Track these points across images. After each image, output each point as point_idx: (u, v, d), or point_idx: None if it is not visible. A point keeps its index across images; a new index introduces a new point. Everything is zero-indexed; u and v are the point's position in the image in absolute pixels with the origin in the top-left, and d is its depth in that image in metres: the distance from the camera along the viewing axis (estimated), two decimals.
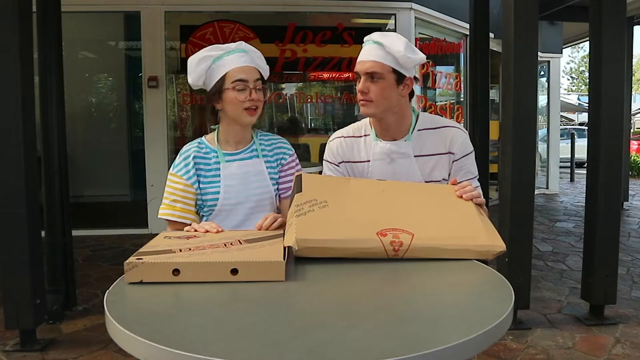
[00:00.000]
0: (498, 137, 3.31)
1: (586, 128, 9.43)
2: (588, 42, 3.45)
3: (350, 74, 6.56)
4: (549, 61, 8.66)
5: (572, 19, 7.16)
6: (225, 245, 1.36)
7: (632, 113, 13.13)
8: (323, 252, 1.30)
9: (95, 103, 8.18)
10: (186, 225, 1.72)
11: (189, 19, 6.15)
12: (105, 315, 1.06)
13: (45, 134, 3.28)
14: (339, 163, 1.87)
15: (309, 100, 7.19)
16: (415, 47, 1.74)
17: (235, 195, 1.76)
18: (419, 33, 6.37)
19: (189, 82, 1.79)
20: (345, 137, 1.88)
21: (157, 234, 1.52)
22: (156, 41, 5.67)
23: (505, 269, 2.87)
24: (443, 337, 0.92)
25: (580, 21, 6.88)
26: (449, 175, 1.82)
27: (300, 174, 1.51)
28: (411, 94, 1.79)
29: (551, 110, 8.90)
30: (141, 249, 1.32)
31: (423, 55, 1.73)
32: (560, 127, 10.51)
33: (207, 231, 1.53)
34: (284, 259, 1.24)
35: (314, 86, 7.08)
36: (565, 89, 31.70)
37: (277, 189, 1.84)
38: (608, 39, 3.06)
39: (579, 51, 32.42)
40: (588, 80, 3.36)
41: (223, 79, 1.72)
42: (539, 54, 7.00)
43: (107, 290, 1.18)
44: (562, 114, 19.27)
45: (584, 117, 23.62)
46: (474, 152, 1.84)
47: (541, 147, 8.94)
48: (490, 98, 4.97)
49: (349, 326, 0.98)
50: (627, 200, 7.64)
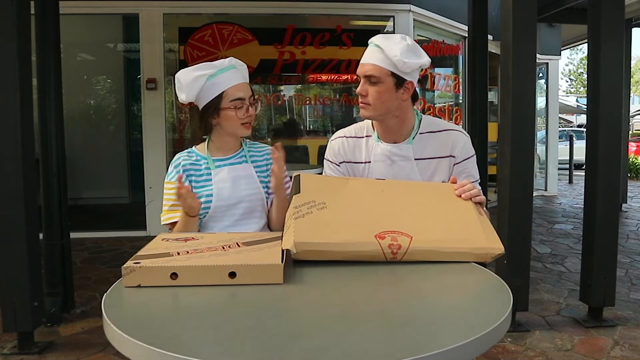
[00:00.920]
0: (497, 139, 3.31)
1: (585, 130, 9.44)
2: (587, 44, 3.45)
3: (349, 76, 6.58)
4: (547, 63, 8.68)
5: (571, 21, 7.17)
6: (223, 248, 1.36)
7: (631, 115, 13.16)
8: (321, 255, 1.30)
9: (94, 105, 8.16)
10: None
11: (188, 21, 6.15)
12: (103, 319, 1.06)
13: (44, 136, 3.28)
14: (340, 163, 1.88)
15: (308, 102, 7.18)
16: (421, 50, 1.72)
17: (227, 198, 1.82)
18: (418, 35, 6.37)
19: (180, 98, 1.82)
20: (347, 137, 1.89)
21: (155, 236, 1.52)
22: (155, 43, 5.66)
23: (504, 271, 2.86)
24: (442, 340, 0.92)
25: (579, 23, 6.89)
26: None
27: (299, 175, 1.51)
28: (415, 97, 1.78)
29: (550, 112, 8.91)
30: (139, 252, 1.32)
31: (426, 60, 1.71)
32: (559, 129, 10.52)
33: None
34: (282, 262, 1.24)
35: (312, 88, 7.08)
36: (563, 91, 31.75)
37: (268, 193, 1.90)
38: (607, 41, 3.06)
39: (577, 53, 32.48)
40: (587, 82, 3.36)
41: (220, 97, 1.77)
42: (538, 56, 7.01)
43: (105, 294, 1.18)
44: (561, 115, 19.27)
45: (582, 119, 23.65)
46: (475, 156, 1.83)
47: (540, 149, 8.95)
48: (488, 100, 4.97)
49: (347, 329, 0.98)
50: (626, 202, 7.65)
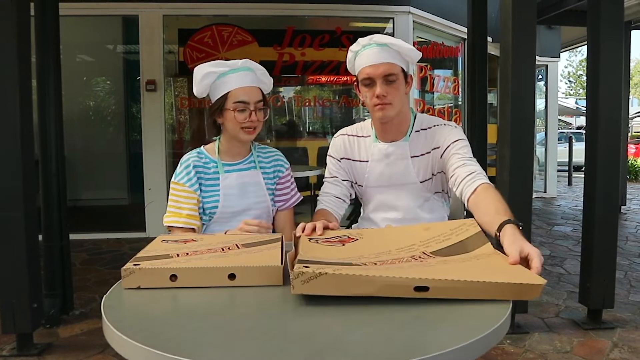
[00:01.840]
0: (496, 141, 3.31)
1: (584, 132, 9.46)
2: (586, 46, 3.45)
3: (348, 78, 6.56)
4: (546, 65, 8.68)
5: (570, 23, 7.18)
6: (222, 249, 1.36)
7: (630, 117, 13.17)
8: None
9: (93, 106, 8.16)
10: (191, 230, 1.78)
11: (187, 23, 6.15)
12: (103, 320, 1.06)
13: (43, 137, 3.27)
14: (341, 159, 1.93)
15: (307, 103, 7.18)
16: None
17: (233, 204, 1.80)
18: (417, 37, 6.38)
19: (194, 91, 1.82)
20: (349, 135, 1.93)
21: (155, 238, 1.52)
22: (154, 45, 5.66)
23: None
24: (441, 342, 0.92)
25: (578, 25, 6.90)
26: (440, 171, 1.81)
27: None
28: None
29: (549, 114, 8.92)
30: (138, 254, 1.32)
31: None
32: (558, 131, 10.53)
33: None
34: (282, 264, 1.24)
35: (312, 90, 7.08)
36: (563, 93, 31.78)
37: (273, 201, 1.89)
38: (606, 43, 3.06)
39: (576, 55, 32.55)
40: (586, 84, 3.37)
41: (225, 97, 1.75)
42: (537, 58, 7.00)
43: (105, 295, 1.18)
44: (560, 117, 19.30)
45: (581, 121, 23.67)
46: (463, 140, 1.76)
47: (539, 151, 8.95)
48: (488, 102, 4.97)
49: (347, 331, 0.98)
50: (625, 204, 7.64)
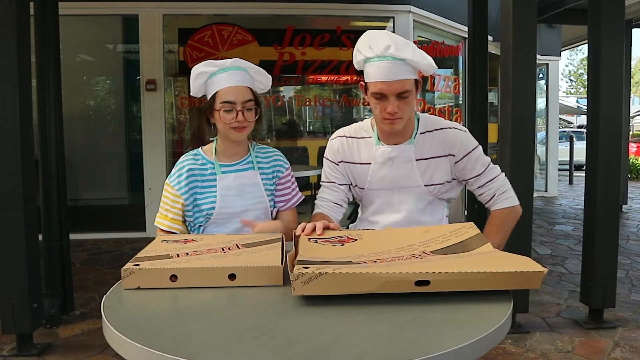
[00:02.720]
0: (497, 140, 3.30)
1: (585, 131, 9.44)
2: (587, 45, 3.45)
3: (349, 77, 6.57)
4: (547, 64, 8.67)
5: (571, 22, 7.17)
6: (223, 249, 1.36)
7: (631, 116, 13.16)
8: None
9: (93, 106, 8.16)
10: (174, 234, 1.76)
11: (187, 22, 6.15)
12: (103, 321, 1.06)
13: (43, 137, 3.27)
14: (339, 162, 1.88)
15: (308, 103, 7.18)
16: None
17: (231, 205, 1.79)
18: (418, 36, 6.38)
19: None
20: (347, 137, 1.88)
21: (155, 238, 1.52)
22: (154, 44, 5.66)
23: None
24: (442, 342, 0.92)
25: (579, 24, 6.89)
26: (455, 178, 1.82)
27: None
28: None
29: (550, 113, 8.91)
30: (138, 254, 1.32)
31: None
32: (559, 130, 10.52)
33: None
34: (282, 264, 1.24)
35: (312, 89, 7.07)
36: (564, 92, 31.77)
37: (273, 201, 1.88)
38: (607, 41, 3.06)
39: (577, 54, 32.51)
40: (587, 82, 3.36)
41: (214, 97, 1.76)
42: (538, 56, 7.01)
43: (105, 296, 1.18)
44: (561, 116, 19.28)
45: (582, 120, 23.66)
46: (479, 148, 1.80)
47: (540, 150, 8.94)
48: (489, 101, 4.97)
49: (347, 331, 0.98)
50: (626, 203, 7.64)
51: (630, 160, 11.13)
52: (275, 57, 6.27)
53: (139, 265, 1.22)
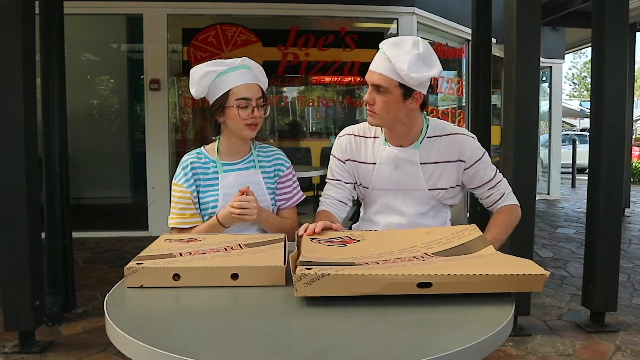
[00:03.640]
0: (499, 143, 3.31)
1: (588, 134, 9.43)
2: (590, 48, 3.44)
3: (352, 78, 6.57)
4: (551, 67, 8.66)
5: (575, 25, 7.15)
6: (225, 249, 1.36)
7: (634, 119, 13.14)
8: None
9: (97, 105, 8.18)
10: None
11: (192, 22, 6.16)
12: (105, 319, 1.06)
13: (47, 136, 3.28)
14: (346, 160, 1.89)
15: (311, 104, 7.19)
16: (433, 58, 1.67)
17: None
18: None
19: (191, 93, 1.82)
20: (355, 136, 1.88)
21: (158, 237, 1.53)
22: (158, 44, 5.67)
23: None
24: (444, 344, 0.92)
25: (583, 27, 6.87)
26: (461, 183, 1.83)
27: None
28: (424, 103, 1.75)
29: (553, 116, 8.90)
30: (141, 253, 1.32)
31: (435, 70, 1.66)
32: (562, 133, 10.50)
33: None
34: (285, 264, 1.24)
35: (315, 90, 7.08)
36: (567, 95, 31.64)
37: (274, 200, 1.90)
38: (610, 45, 3.05)
39: (581, 57, 32.42)
40: (590, 86, 3.36)
41: (227, 96, 1.76)
42: (541, 59, 6.99)
43: (107, 294, 1.18)
44: (564, 119, 19.26)
45: (585, 123, 23.60)
46: (486, 154, 1.82)
47: (543, 153, 8.93)
48: (492, 103, 4.96)
49: (349, 332, 0.98)
50: (629, 207, 7.62)
51: (633, 164, 11.11)
52: (279, 58, 6.28)
53: (142, 264, 1.22)
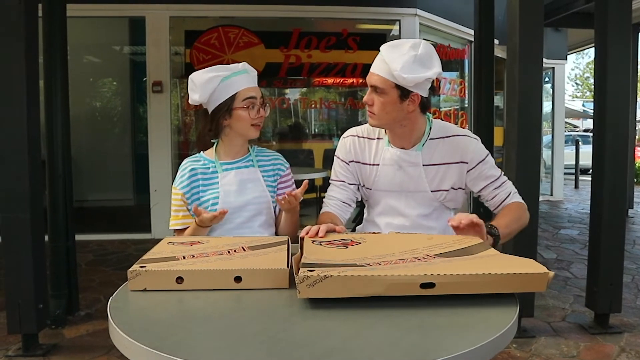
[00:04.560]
0: (502, 144, 3.30)
1: (591, 134, 9.40)
2: (593, 49, 3.44)
3: (354, 80, 6.57)
4: (553, 67, 8.65)
5: (577, 26, 7.14)
6: (229, 252, 1.36)
7: (638, 120, 13.09)
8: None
9: (100, 107, 8.19)
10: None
11: (194, 24, 6.17)
12: (109, 322, 1.06)
13: (50, 138, 3.29)
14: (350, 162, 1.89)
15: (313, 105, 7.19)
16: (432, 60, 1.66)
17: (233, 201, 1.84)
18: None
19: (192, 99, 1.86)
20: (359, 137, 1.89)
21: (160, 239, 1.53)
22: (161, 46, 5.68)
23: None
24: (448, 347, 0.92)
25: (586, 27, 6.86)
26: (465, 185, 1.83)
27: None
28: (426, 106, 1.74)
29: (556, 117, 8.88)
30: (145, 256, 1.32)
31: (432, 72, 1.65)
32: (565, 134, 10.48)
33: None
34: (288, 267, 1.24)
35: (318, 92, 7.08)
36: (570, 95, 31.59)
37: (274, 198, 1.92)
38: (613, 45, 3.05)
39: (583, 57, 32.33)
40: (593, 86, 3.35)
41: (233, 98, 1.82)
42: (544, 60, 6.98)
43: (111, 297, 1.18)
44: (567, 120, 19.19)
45: (588, 124, 23.56)
46: (489, 156, 1.82)
47: (546, 154, 8.91)
48: (494, 104, 4.96)
49: (353, 335, 0.98)
50: (632, 208, 7.61)
51: (637, 165, 11.08)
52: (281, 60, 6.28)
53: (145, 267, 1.22)
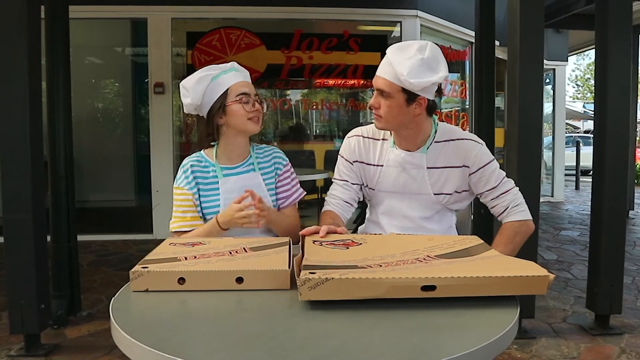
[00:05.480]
0: (503, 145, 3.30)
1: (591, 136, 9.40)
2: (594, 50, 3.44)
3: (356, 81, 6.59)
4: (554, 69, 8.65)
5: (578, 27, 7.15)
6: (230, 253, 1.37)
7: (638, 121, 13.08)
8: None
9: (102, 108, 8.21)
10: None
11: (196, 26, 6.18)
12: (111, 323, 1.07)
13: (52, 139, 3.30)
14: (354, 162, 1.89)
15: (314, 107, 7.19)
16: (439, 63, 1.66)
17: None
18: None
19: (185, 104, 1.83)
20: (364, 137, 1.89)
21: (162, 240, 1.53)
22: (163, 47, 5.70)
23: None
24: (448, 348, 0.92)
25: (586, 29, 6.87)
26: (466, 190, 1.82)
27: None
28: (432, 109, 1.74)
29: (556, 118, 8.88)
30: (146, 257, 1.33)
31: (439, 76, 1.66)
32: (566, 135, 10.48)
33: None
34: (289, 268, 1.24)
35: (319, 93, 7.09)
36: (570, 97, 31.56)
37: (276, 199, 1.91)
38: (614, 46, 3.05)
39: (584, 59, 32.31)
40: (594, 88, 3.35)
41: (226, 94, 1.80)
42: (545, 61, 6.99)
43: (113, 298, 1.19)
44: (568, 121, 19.20)
45: (589, 125, 23.54)
46: (494, 161, 1.80)
47: (546, 155, 8.91)
48: (495, 105, 4.96)
49: (354, 336, 0.98)
50: (633, 209, 7.60)
51: (637, 166, 11.07)
52: (282, 61, 6.30)
53: (147, 267, 1.23)
